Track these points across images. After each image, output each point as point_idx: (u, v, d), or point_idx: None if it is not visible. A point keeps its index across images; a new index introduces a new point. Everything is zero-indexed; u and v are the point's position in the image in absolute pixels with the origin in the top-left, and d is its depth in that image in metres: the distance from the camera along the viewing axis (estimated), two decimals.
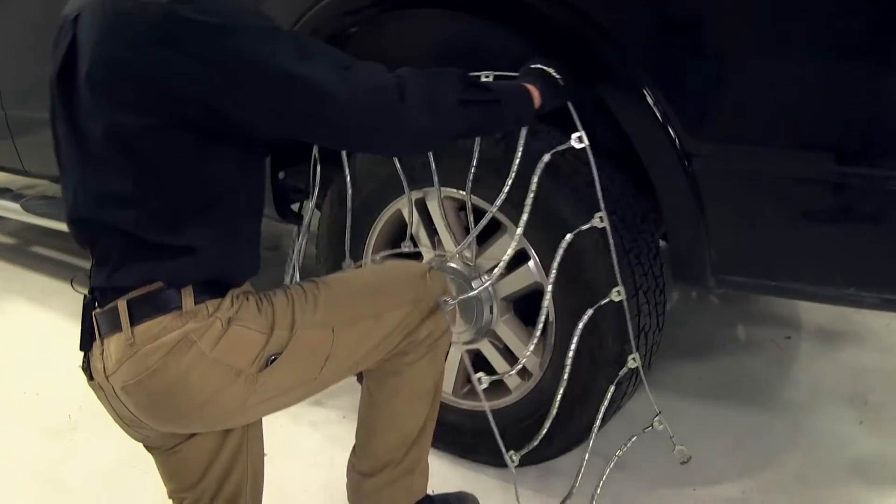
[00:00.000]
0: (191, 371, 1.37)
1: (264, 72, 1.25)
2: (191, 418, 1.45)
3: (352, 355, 1.57)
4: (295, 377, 1.51)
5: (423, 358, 1.68)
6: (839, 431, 2.33)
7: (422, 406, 1.76)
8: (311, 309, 1.51)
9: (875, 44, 1.42)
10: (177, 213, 1.35)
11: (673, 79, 1.62)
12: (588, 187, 1.81)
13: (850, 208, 1.56)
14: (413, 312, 1.62)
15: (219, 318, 1.39)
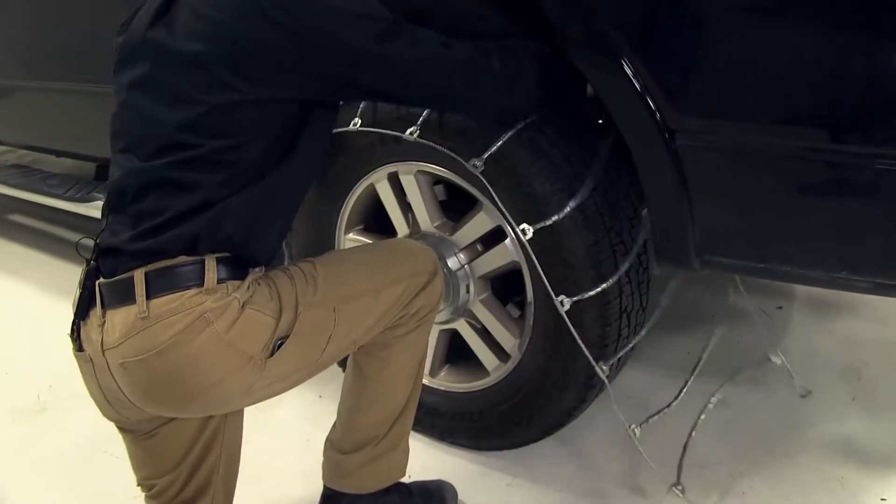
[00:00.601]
0: (202, 353, 1.32)
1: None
2: (189, 403, 1.39)
3: (351, 333, 1.53)
4: (299, 360, 1.46)
5: (412, 331, 1.66)
6: (832, 409, 2.26)
7: (407, 379, 1.73)
8: (312, 289, 1.46)
9: (869, 13, 1.31)
10: (229, 171, 1.36)
11: (653, 48, 1.51)
12: (566, 162, 1.71)
13: (841, 187, 1.46)
14: (409, 287, 1.60)
15: (237, 299, 1.34)
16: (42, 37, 3.02)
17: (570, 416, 1.93)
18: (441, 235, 1.96)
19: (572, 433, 2.14)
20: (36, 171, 3.60)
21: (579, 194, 1.72)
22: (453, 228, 1.95)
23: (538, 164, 1.72)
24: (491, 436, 2.06)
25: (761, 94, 1.44)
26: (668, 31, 1.49)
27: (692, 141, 1.52)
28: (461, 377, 2.11)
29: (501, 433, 2.03)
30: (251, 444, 2.16)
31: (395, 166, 1.97)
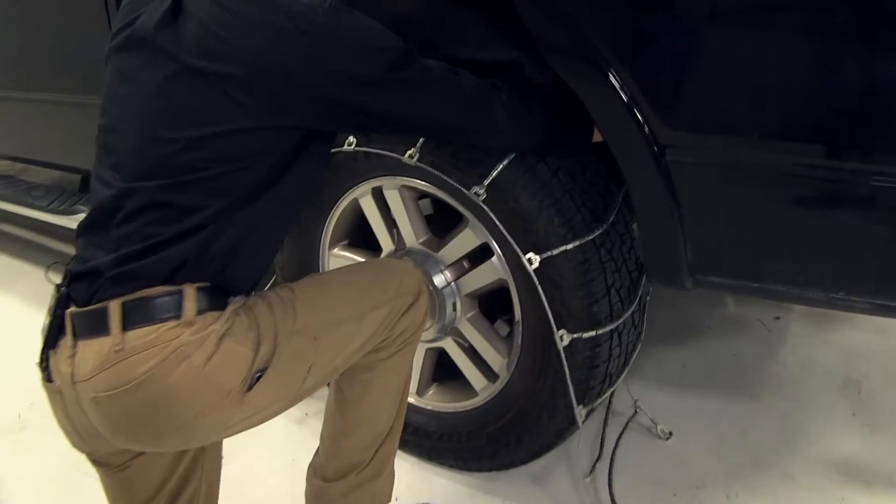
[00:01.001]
0: (178, 387, 1.25)
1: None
2: (165, 438, 1.32)
3: (333, 360, 1.47)
4: (278, 391, 1.39)
5: (396, 353, 1.60)
6: (831, 424, 2.20)
7: (392, 402, 1.68)
8: (291, 318, 1.40)
9: (865, 27, 1.25)
10: (228, 196, 1.31)
11: (641, 58, 1.45)
12: (553, 177, 1.64)
13: (838, 204, 1.40)
14: (393, 310, 1.54)
15: (215, 331, 1.28)
16: (25, 47, 2.96)
17: (560, 439, 1.87)
18: (427, 252, 1.90)
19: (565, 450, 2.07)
20: (20, 181, 3.53)
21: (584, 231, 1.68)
22: (439, 245, 1.88)
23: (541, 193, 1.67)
24: (479, 457, 2.00)
25: (755, 107, 1.38)
26: (656, 40, 1.42)
27: (683, 156, 1.46)
28: (449, 397, 2.05)
29: (490, 454, 1.98)
30: (234, 464, 2.11)
31: (380, 181, 1.91)
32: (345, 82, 1.31)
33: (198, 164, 1.28)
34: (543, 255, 1.66)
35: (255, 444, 2.25)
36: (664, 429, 2.16)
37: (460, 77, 1.45)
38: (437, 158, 1.74)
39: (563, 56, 1.52)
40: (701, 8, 1.35)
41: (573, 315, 1.68)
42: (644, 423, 2.21)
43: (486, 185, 1.67)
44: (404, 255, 1.93)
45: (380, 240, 2.00)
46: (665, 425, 2.17)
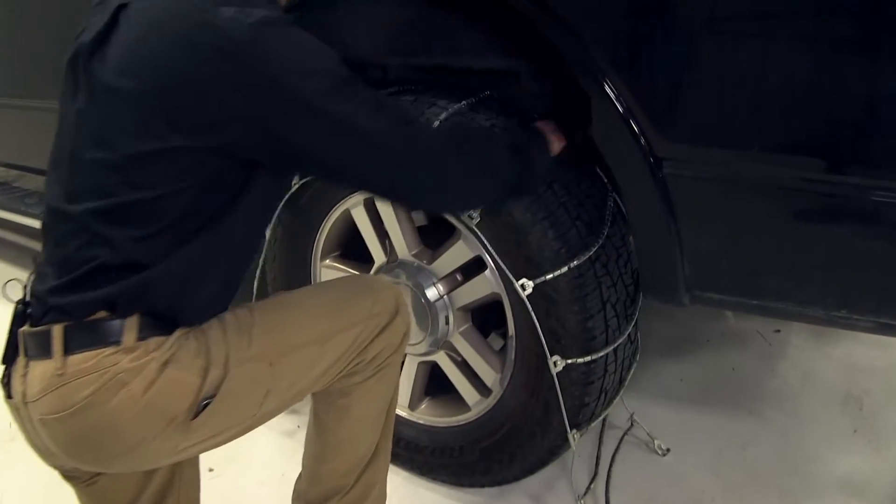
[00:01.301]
0: (118, 415, 1.23)
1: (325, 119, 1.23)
2: (112, 462, 1.31)
3: (295, 385, 1.42)
4: (231, 418, 1.35)
5: (371, 377, 1.54)
6: (832, 442, 2.15)
7: (373, 428, 1.62)
8: (246, 342, 1.35)
9: (867, 37, 1.22)
10: (149, 226, 1.24)
11: (638, 68, 1.41)
12: (547, 190, 1.61)
13: (840, 220, 1.37)
14: (363, 332, 1.47)
15: (155, 359, 1.24)
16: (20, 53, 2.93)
17: (554, 455, 1.83)
18: (419, 264, 1.86)
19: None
20: (15, 188, 3.51)
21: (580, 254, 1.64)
22: (432, 257, 1.84)
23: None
24: (472, 473, 1.96)
25: (754, 119, 1.35)
26: (654, 50, 1.39)
27: (680, 169, 1.43)
28: (441, 411, 2.01)
29: (483, 470, 1.94)
30: (223, 477, 2.08)
31: None
32: (263, 105, 1.20)
33: (112, 188, 1.23)
34: (537, 281, 1.62)
35: (244, 457, 2.21)
36: (661, 444, 2.12)
37: (411, 124, 1.33)
38: None
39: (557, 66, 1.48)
40: (699, 17, 1.31)
41: (568, 337, 1.64)
42: (641, 437, 2.16)
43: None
44: (396, 267, 1.88)
45: (372, 251, 1.97)
46: (662, 440, 2.13)
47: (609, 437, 2.17)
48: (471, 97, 1.74)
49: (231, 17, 1.16)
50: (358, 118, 1.23)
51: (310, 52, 1.23)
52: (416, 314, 1.88)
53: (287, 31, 1.20)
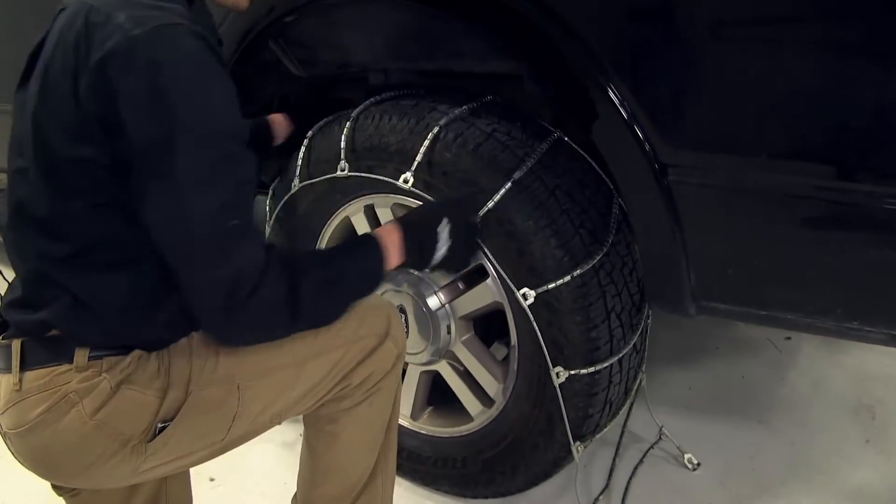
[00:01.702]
0: (69, 434, 1.21)
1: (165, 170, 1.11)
2: (73, 479, 1.29)
3: (268, 409, 1.36)
4: (194, 442, 1.31)
5: (361, 402, 1.46)
6: (843, 453, 2.11)
7: (367, 452, 1.55)
8: (212, 365, 1.29)
9: (876, 41, 1.18)
10: (86, 257, 1.19)
11: (642, 74, 1.38)
12: (550, 197, 1.57)
13: (850, 229, 1.33)
14: (347, 355, 1.39)
15: (107, 379, 1.21)
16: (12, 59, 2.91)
17: (558, 467, 1.80)
18: (420, 272, 1.82)
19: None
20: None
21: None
22: None
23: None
24: (475, 484, 1.93)
25: (762, 125, 1.31)
26: (658, 55, 1.35)
27: (686, 177, 1.39)
28: (444, 421, 1.98)
29: (486, 482, 1.90)
30: (224, 486, 2.05)
31: (372, 199, 1.84)
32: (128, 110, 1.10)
33: (48, 201, 1.19)
34: (539, 290, 1.58)
35: (246, 467, 2.19)
36: (693, 458, 2.07)
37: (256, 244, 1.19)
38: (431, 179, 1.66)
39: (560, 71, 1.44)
40: (704, 21, 1.27)
41: (571, 348, 1.61)
42: (669, 450, 2.12)
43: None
44: (397, 275, 1.85)
45: None
46: (670, 450, 2.08)
47: (635, 449, 2.12)
48: (473, 102, 1.71)
49: (121, 23, 1.10)
50: (191, 176, 1.11)
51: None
52: (418, 323, 1.85)
53: (175, 45, 1.12)
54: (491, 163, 1.59)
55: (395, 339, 1.46)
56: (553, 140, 1.65)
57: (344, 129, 1.78)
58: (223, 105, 1.14)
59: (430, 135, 1.63)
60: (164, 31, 1.09)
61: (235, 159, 1.15)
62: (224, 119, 1.14)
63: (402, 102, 1.76)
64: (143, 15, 1.10)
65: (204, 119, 1.11)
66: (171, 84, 1.08)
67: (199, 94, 1.11)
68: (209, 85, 1.12)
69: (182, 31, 1.11)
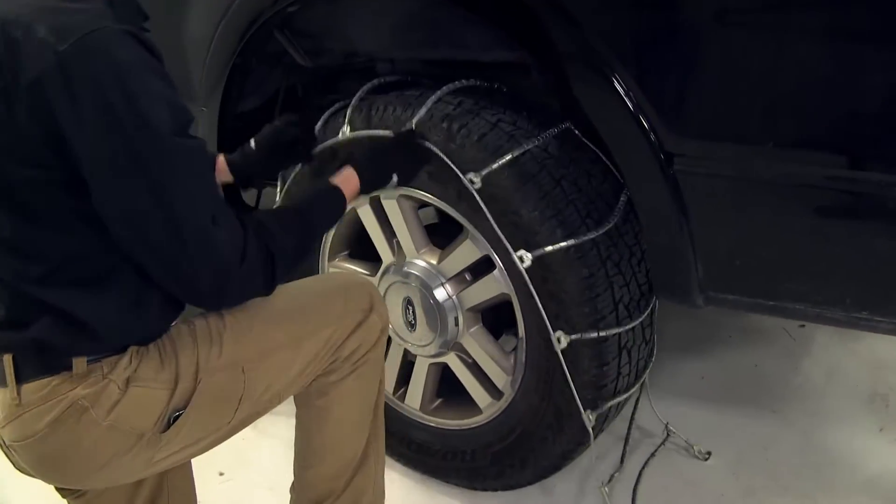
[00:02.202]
0: (83, 439, 1.21)
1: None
2: (87, 480, 1.30)
3: (269, 390, 1.39)
4: (204, 428, 1.33)
5: (349, 376, 1.50)
6: (856, 442, 2.09)
7: (358, 431, 1.58)
8: (217, 351, 1.32)
9: (884, 27, 1.16)
10: (63, 274, 1.19)
11: (647, 63, 1.36)
12: (556, 187, 1.56)
13: (860, 218, 1.32)
14: (337, 332, 1.45)
15: (113, 381, 1.21)
16: None
17: (567, 460, 1.79)
18: (427, 264, 1.81)
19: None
20: None
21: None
22: (440, 257, 1.80)
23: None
24: (484, 477, 1.92)
25: (769, 114, 1.29)
26: (663, 44, 1.34)
27: (692, 166, 1.38)
28: (453, 414, 1.97)
29: (495, 475, 1.90)
30: (233, 481, 2.05)
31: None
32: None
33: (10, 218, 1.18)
34: (535, 253, 1.56)
35: (254, 461, 2.19)
36: (702, 449, 2.06)
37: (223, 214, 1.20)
38: None
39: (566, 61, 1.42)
40: (709, 10, 1.26)
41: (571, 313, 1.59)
42: (678, 442, 2.10)
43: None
44: (404, 267, 1.86)
45: (379, 251, 1.93)
46: (681, 441, 2.07)
47: (647, 444, 2.12)
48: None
49: (43, 41, 1.06)
50: (159, 180, 1.12)
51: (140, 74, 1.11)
52: (426, 315, 1.85)
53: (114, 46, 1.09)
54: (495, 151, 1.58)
55: (378, 313, 1.51)
56: (560, 130, 1.63)
57: (347, 118, 1.77)
58: (166, 100, 1.12)
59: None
60: (89, 41, 1.06)
61: (192, 150, 1.16)
62: (172, 114, 1.12)
63: (406, 93, 1.74)
64: (64, 24, 1.07)
65: (153, 121, 1.09)
66: (111, 96, 1.06)
67: (143, 98, 1.08)
68: (149, 85, 1.10)
69: (107, 34, 1.08)
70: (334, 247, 2.03)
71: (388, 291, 1.89)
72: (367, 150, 1.64)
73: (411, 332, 1.88)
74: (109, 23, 1.09)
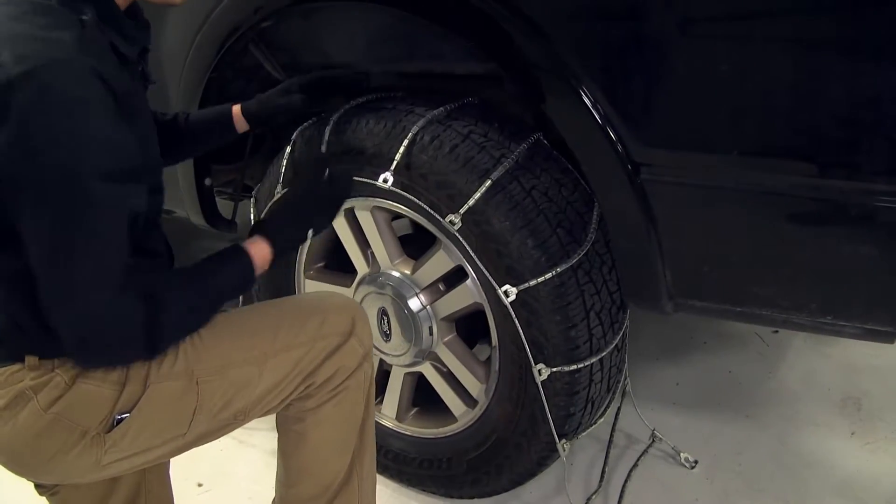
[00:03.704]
0: (26, 429, 1.24)
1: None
2: (41, 474, 1.32)
3: (231, 406, 1.36)
4: (156, 436, 1.32)
5: (327, 402, 1.46)
6: (829, 446, 2.11)
7: (339, 453, 1.54)
8: (172, 358, 1.30)
9: (848, 37, 1.19)
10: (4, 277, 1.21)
11: (614, 75, 1.38)
12: (527, 198, 1.58)
13: (825, 226, 1.33)
14: (309, 353, 1.40)
15: (59, 374, 1.23)
16: None
17: (542, 466, 1.80)
18: (401, 274, 1.82)
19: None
20: None
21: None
22: (414, 267, 1.81)
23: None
24: (460, 484, 1.93)
25: (732, 123, 1.31)
26: (630, 56, 1.36)
27: (659, 175, 1.40)
28: (429, 422, 1.98)
29: (471, 482, 1.91)
30: (212, 491, 2.06)
31: (352, 202, 1.84)
32: None
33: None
34: (520, 287, 1.58)
35: (233, 472, 2.19)
36: (689, 457, 2.07)
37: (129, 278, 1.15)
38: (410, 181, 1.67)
39: (533, 72, 1.44)
40: (674, 20, 1.28)
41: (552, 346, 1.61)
42: (662, 447, 2.13)
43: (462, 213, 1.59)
44: (377, 278, 1.86)
45: (354, 262, 1.94)
46: (663, 448, 2.09)
47: (632, 451, 2.13)
48: (451, 103, 1.71)
49: (1, 62, 1.07)
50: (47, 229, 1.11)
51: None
52: (400, 325, 1.86)
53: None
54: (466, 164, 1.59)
55: (359, 339, 1.46)
56: (532, 141, 1.65)
57: (325, 134, 1.78)
58: (100, 142, 1.11)
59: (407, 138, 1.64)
60: (41, 70, 1.06)
61: (107, 198, 1.13)
62: (101, 157, 1.11)
63: (383, 105, 1.76)
64: (26, 51, 1.08)
65: (70, 161, 1.09)
66: (35, 126, 1.07)
67: (70, 135, 1.08)
68: (83, 123, 1.09)
69: (61, 66, 1.08)
70: (310, 258, 2.03)
71: (363, 302, 1.90)
72: (279, 207, 1.58)
73: (386, 342, 1.89)
74: (73, 55, 1.09)
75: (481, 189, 1.56)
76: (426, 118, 1.65)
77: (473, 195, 1.56)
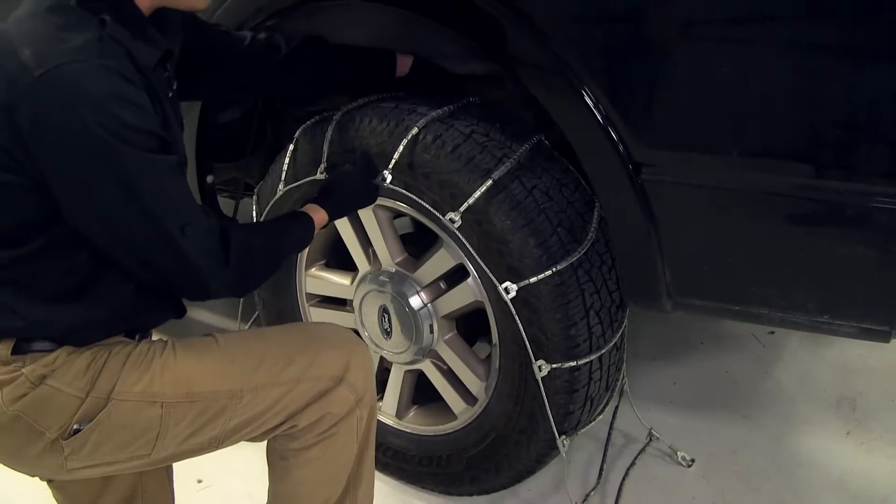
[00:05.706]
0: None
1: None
2: (15, 465, 1.33)
3: (201, 433, 1.33)
4: (116, 451, 1.30)
5: (312, 447, 1.41)
6: (824, 446, 2.13)
7: (327, 486, 1.49)
8: (140, 377, 1.29)
9: (848, 40, 1.20)
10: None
11: (616, 75, 1.40)
12: (528, 197, 1.59)
13: (823, 226, 1.35)
14: (290, 394, 1.36)
15: (25, 374, 1.24)
16: None
17: (541, 463, 1.82)
18: (403, 272, 1.84)
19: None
20: None
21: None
22: (415, 265, 1.82)
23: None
24: (460, 482, 1.95)
25: (733, 124, 1.33)
26: (632, 56, 1.37)
27: (660, 175, 1.41)
28: (429, 420, 2.00)
29: (470, 479, 1.92)
30: (211, 488, 2.07)
31: None
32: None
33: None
34: (521, 284, 1.59)
35: (233, 469, 2.19)
36: (686, 456, 2.09)
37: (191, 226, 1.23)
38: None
39: (535, 73, 1.46)
40: (676, 22, 1.29)
41: (552, 343, 1.62)
42: (658, 446, 2.14)
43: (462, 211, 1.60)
44: (379, 275, 1.87)
45: (355, 260, 1.95)
46: (660, 447, 2.10)
47: (630, 450, 2.15)
48: (453, 103, 1.72)
49: (23, 64, 1.10)
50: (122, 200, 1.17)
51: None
52: (401, 323, 1.87)
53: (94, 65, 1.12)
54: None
55: (351, 386, 1.40)
56: (534, 142, 1.67)
57: (327, 132, 1.79)
58: (132, 127, 1.14)
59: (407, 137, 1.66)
60: (63, 70, 1.09)
61: (161, 163, 1.19)
62: (135, 136, 1.14)
63: (382, 105, 1.77)
64: (47, 51, 1.10)
65: (116, 150, 1.12)
66: (77, 126, 1.10)
67: (108, 124, 1.11)
68: (115, 113, 1.12)
69: (81, 67, 1.10)
70: (311, 256, 2.04)
71: (365, 300, 1.91)
72: (330, 184, 1.67)
73: (387, 339, 1.90)
74: (91, 56, 1.11)
75: (482, 188, 1.57)
76: (428, 117, 1.65)
77: (474, 194, 1.56)
